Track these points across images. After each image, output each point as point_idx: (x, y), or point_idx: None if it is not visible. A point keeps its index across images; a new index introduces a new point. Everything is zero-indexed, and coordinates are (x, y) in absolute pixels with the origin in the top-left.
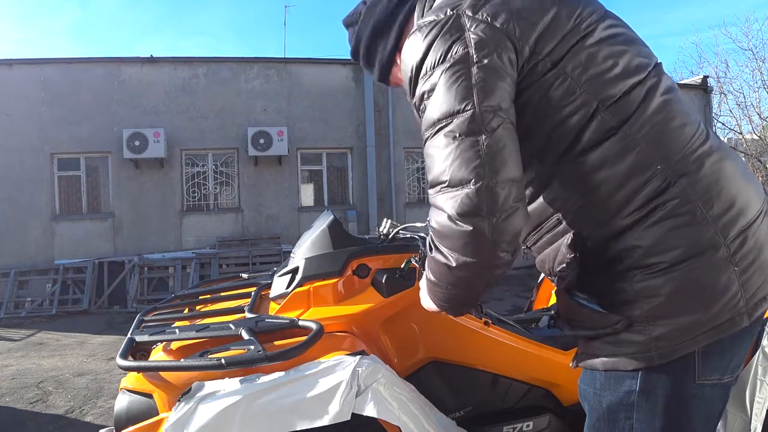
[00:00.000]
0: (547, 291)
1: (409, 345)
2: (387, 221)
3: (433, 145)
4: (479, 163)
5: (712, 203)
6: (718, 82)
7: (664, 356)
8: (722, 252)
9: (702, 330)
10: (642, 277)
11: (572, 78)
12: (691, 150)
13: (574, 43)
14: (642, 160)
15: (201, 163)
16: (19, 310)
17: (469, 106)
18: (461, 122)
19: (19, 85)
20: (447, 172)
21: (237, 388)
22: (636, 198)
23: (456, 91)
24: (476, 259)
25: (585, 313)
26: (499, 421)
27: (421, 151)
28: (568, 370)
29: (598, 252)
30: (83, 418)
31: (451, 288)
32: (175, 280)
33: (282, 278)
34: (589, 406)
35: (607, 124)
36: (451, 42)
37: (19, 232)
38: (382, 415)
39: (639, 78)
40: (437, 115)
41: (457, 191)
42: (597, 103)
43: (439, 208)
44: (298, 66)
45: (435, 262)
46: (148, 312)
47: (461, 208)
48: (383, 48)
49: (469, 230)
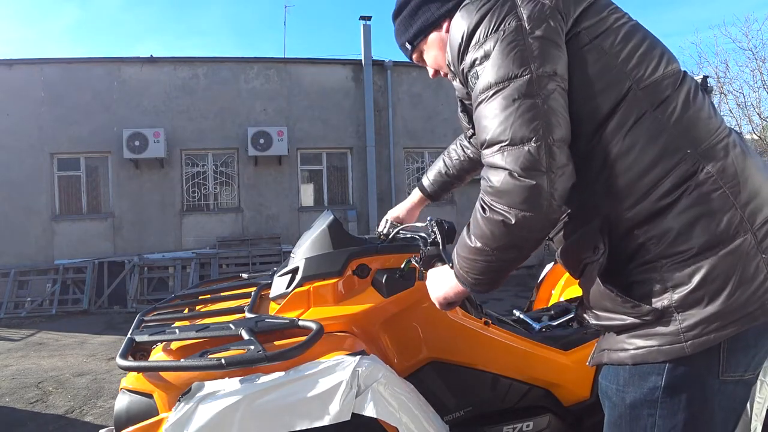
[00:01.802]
0: (547, 291)
1: (409, 345)
2: (387, 221)
3: (490, 108)
4: (539, 123)
5: (739, 190)
6: (718, 82)
7: (695, 347)
8: (749, 239)
9: (732, 318)
10: (671, 266)
11: (609, 55)
12: (717, 139)
13: (611, 24)
14: (671, 143)
15: (201, 163)
16: (19, 310)
17: (527, 71)
18: (519, 86)
19: (19, 85)
20: (507, 132)
21: (237, 388)
22: (665, 181)
23: (513, 57)
24: (535, 214)
25: (616, 300)
26: (499, 421)
27: (421, 151)
28: (568, 370)
29: (625, 240)
30: (83, 418)
31: (497, 252)
32: (175, 280)
33: (282, 278)
34: (611, 402)
35: (640, 104)
36: (504, 15)
37: (19, 232)
38: (382, 415)
39: (673, 67)
40: (494, 79)
41: (518, 149)
42: (631, 83)
43: (498, 166)
44: (298, 66)
45: (489, 223)
46: (148, 312)
47: (524, 164)
48: (437, 9)
49: (531, 184)
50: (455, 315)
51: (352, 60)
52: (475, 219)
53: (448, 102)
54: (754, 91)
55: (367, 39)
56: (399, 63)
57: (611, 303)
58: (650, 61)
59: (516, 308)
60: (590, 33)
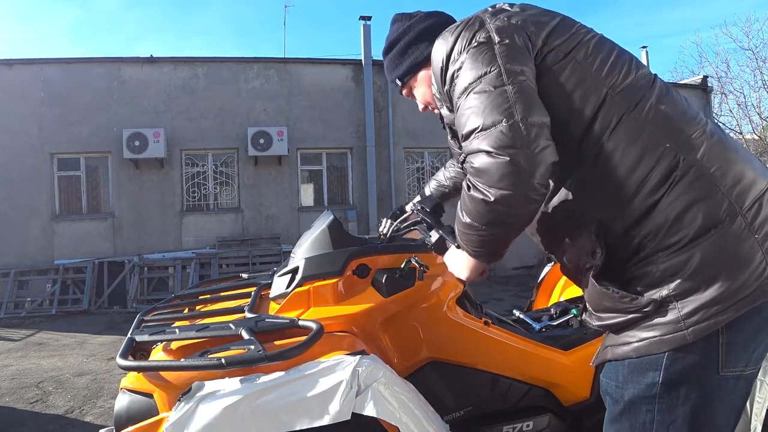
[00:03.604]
0: (547, 291)
1: (409, 345)
2: (386, 221)
3: (465, 106)
4: (508, 105)
5: (724, 176)
6: (718, 82)
7: (696, 333)
8: (740, 221)
9: (732, 301)
10: (666, 257)
11: (584, 66)
12: (694, 130)
13: (581, 39)
14: (651, 140)
15: (201, 163)
16: (19, 310)
17: (495, 67)
18: (490, 79)
19: (19, 85)
20: (479, 120)
21: (237, 387)
22: (650, 177)
23: (482, 59)
24: (513, 191)
25: (614, 298)
26: (499, 421)
27: (421, 151)
28: (568, 370)
29: (622, 241)
30: (83, 418)
31: (487, 228)
32: (175, 280)
33: (282, 278)
34: (611, 399)
35: (618, 108)
36: (475, 31)
37: (19, 232)
38: (382, 414)
39: (643, 71)
40: (467, 82)
41: (491, 130)
42: (607, 89)
43: (475, 151)
44: (298, 66)
45: (472, 201)
46: (148, 312)
47: (496, 142)
48: (425, 48)
49: (506, 161)
50: (455, 315)
51: (352, 60)
52: (463, 196)
53: None
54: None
55: (367, 39)
56: None
57: (610, 301)
58: (621, 68)
59: (516, 308)
60: (563, 49)
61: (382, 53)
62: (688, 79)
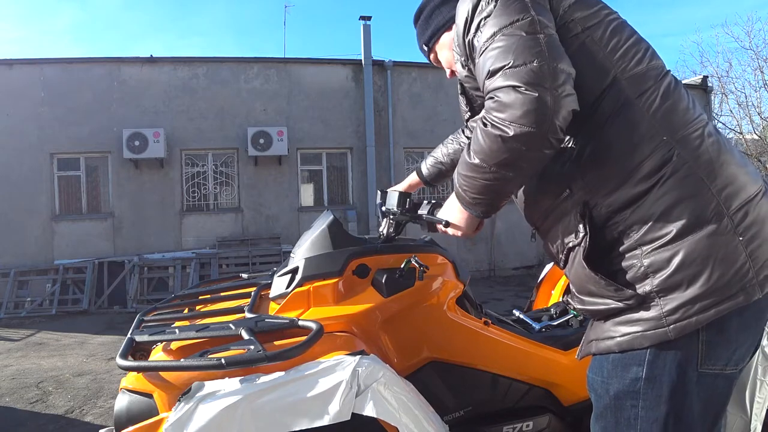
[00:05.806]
0: (547, 291)
1: (409, 345)
2: (387, 220)
3: (493, 47)
4: (540, 49)
5: (715, 176)
6: (719, 81)
7: (677, 330)
8: (726, 222)
9: (714, 301)
10: (650, 251)
11: (598, 45)
12: (693, 129)
13: (602, 18)
14: (649, 131)
15: (201, 163)
16: (18, 310)
17: (528, 16)
18: (521, 25)
19: (19, 85)
20: (509, 58)
21: (237, 388)
22: (642, 166)
23: (514, 8)
24: (535, 129)
25: (600, 284)
26: (499, 421)
27: (421, 151)
28: (568, 370)
29: (606, 227)
30: (83, 418)
31: (495, 170)
32: (175, 280)
33: (282, 278)
34: (596, 395)
35: (623, 93)
36: None
37: (19, 232)
38: (382, 414)
39: (656, 62)
40: (497, 27)
41: (521, 68)
42: (616, 72)
43: (501, 86)
44: (298, 66)
45: (487, 138)
46: (148, 312)
47: (525, 78)
48: (448, 11)
49: (534, 96)
50: (455, 315)
51: (352, 60)
52: (476, 134)
53: (448, 102)
54: (755, 90)
55: (367, 39)
56: (399, 63)
57: (595, 287)
58: (635, 54)
59: (516, 308)
60: (582, 23)
61: (413, 21)
62: (688, 79)
